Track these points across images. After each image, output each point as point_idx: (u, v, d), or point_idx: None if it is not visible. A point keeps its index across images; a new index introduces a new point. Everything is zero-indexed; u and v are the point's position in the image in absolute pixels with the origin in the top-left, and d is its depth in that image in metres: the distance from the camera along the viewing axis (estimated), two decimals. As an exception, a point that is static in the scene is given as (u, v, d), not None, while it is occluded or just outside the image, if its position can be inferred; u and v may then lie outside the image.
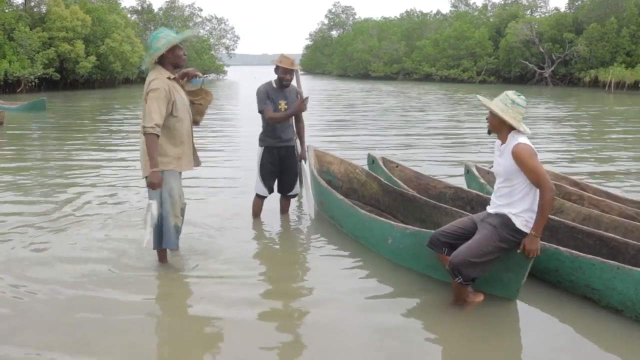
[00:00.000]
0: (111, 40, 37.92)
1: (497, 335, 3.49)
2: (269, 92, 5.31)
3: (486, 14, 63.08)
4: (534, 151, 3.45)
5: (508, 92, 3.58)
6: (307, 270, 4.58)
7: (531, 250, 3.47)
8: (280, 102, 5.32)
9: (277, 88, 5.34)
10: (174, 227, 4.25)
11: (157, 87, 3.99)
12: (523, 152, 3.41)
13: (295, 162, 5.61)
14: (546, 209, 3.40)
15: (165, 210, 4.18)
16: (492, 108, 3.53)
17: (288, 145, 5.50)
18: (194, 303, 3.92)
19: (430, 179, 6.20)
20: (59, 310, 3.67)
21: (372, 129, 14.64)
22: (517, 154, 3.42)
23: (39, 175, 8.27)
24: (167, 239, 4.26)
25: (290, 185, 5.66)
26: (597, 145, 12.15)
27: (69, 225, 5.50)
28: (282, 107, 5.32)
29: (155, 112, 3.92)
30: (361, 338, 3.37)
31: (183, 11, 61.73)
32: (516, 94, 3.56)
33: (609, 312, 3.66)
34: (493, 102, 3.58)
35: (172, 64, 4.17)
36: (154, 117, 3.91)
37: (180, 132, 4.17)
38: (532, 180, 3.43)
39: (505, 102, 3.52)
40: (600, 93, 35.43)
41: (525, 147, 3.43)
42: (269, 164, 5.48)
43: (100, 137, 13.23)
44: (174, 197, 4.18)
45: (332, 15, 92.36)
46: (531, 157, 3.41)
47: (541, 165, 3.46)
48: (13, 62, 30.56)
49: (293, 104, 5.33)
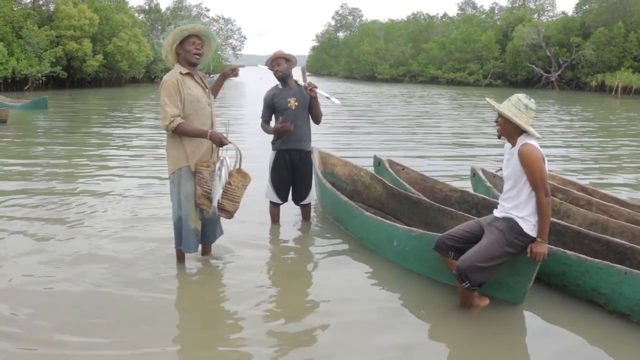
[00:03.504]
0: (118, 40, 38.09)
1: (502, 340, 3.47)
2: (274, 95, 5.11)
3: (493, 17, 63.03)
4: (540, 154, 3.43)
5: (519, 95, 3.52)
6: (311, 275, 4.55)
7: (538, 254, 3.45)
8: (290, 99, 5.07)
9: (283, 87, 5.14)
10: (193, 231, 4.16)
11: (164, 81, 3.96)
12: (529, 152, 3.39)
13: (310, 171, 5.31)
14: (544, 213, 3.40)
15: (184, 214, 4.10)
16: (505, 113, 3.46)
17: (301, 148, 5.18)
18: (202, 304, 3.91)
19: (436, 182, 6.19)
20: (69, 306, 3.68)
21: (378, 131, 14.62)
22: (523, 153, 3.40)
23: (46, 171, 8.30)
24: (186, 242, 4.18)
25: (301, 194, 5.38)
26: (605, 151, 12.09)
27: (80, 222, 5.51)
28: (292, 104, 5.06)
29: (168, 105, 3.87)
30: (365, 341, 3.36)
31: (190, 11, 61.90)
32: (527, 97, 3.51)
33: (616, 316, 3.64)
34: (504, 106, 3.52)
35: (184, 60, 4.05)
36: (168, 110, 3.85)
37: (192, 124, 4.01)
38: (531, 182, 3.41)
39: (519, 107, 3.47)
40: (607, 98, 35.29)
41: (533, 148, 3.41)
42: (279, 169, 5.21)
43: (105, 136, 13.25)
44: (190, 201, 4.08)
45: (339, 17, 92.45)
46: (536, 159, 3.39)
47: (545, 169, 3.42)
48: (21, 59, 30.73)
49: (303, 100, 5.10)
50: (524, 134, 3.50)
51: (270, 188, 5.34)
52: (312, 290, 4.19)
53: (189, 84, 4.01)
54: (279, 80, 5.15)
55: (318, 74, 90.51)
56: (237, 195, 3.98)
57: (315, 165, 6.26)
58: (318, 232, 5.50)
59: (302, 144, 5.18)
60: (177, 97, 3.90)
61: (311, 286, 4.28)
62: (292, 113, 5.08)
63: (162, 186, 7.06)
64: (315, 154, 6.50)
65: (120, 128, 14.90)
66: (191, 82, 4.04)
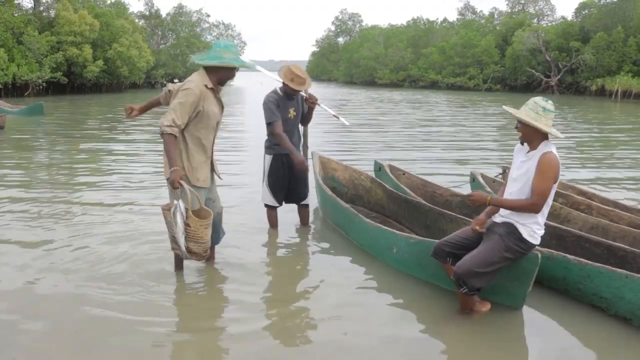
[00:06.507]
0: (119, 45, 38.14)
1: (503, 344, 3.47)
2: (278, 102, 5.10)
3: (493, 22, 63.13)
4: (558, 166, 3.41)
5: (535, 99, 3.49)
6: (310, 281, 4.54)
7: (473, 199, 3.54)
8: (290, 109, 5.17)
9: (284, 96, 5.16)
10: None
11: (189, 87, 3.87)
12: (550, 161, 3.38)
13: (304, 170, 5.34)
14: (515, 206, 3.46)
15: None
16: (524, 119, 3.43)
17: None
18: (202, 310, 3.91)
19: (436, 186, 6.19)
20: (63, 314, 3.67)
21: (380, 137, 14.62)
22: (544, 159, 3.38)
23: (43, 178, 8.30)
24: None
25: (302, 193, 5.47)
26: (606, 155, 12.10)
27: (78, 231, 5.49)
28: (292, 114, 5.18)
29: (177, 112, 3.79)
30: (366, 347, 3.35)
31: (191, 17, 61.92)
32: (544, 100, 3.47)
33: (617, 320, 3.63)
34: (521, 111, 3.48)
35: (218, 79, 4.03)
36: (174, 117, 3.78)
37: (200, 141, 4.00)
38: (534, 186, 3.40)
39: (537, 111, 3.43)
40: (607, 102, 35.33)
41: (555, 159, 3.40)
42: (277, 173, 5.28)
43: (100, 144, 13.26)
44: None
45: (339, 22, 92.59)
46: (553, 170, 3.38)
47: (553, 183, 3.42)
48: (21, 65, 30.76)
49: (301, 109, 5.25)
50: (546, 140, 3.48)
51: (267, 191, 5.36)
52: (312, 295, 4.18)
53: (210, 100, 3.99)
54: (285, 94, 5.14)
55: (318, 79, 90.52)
56: (199, 236, 3.83)
57: (316, 170, 6.27)
58: (318, 237, 5.50)
59: (296, 148, 5.29)
60: (190, 110, 3.85)
61: (310, 292, 4.27)
62: (291, 122, 5.24)
63: (161, 190, 7.06)
64: (315, 159, 6.51)
65: (118, 135, 14.91)
66: (212, 98, 4.02)
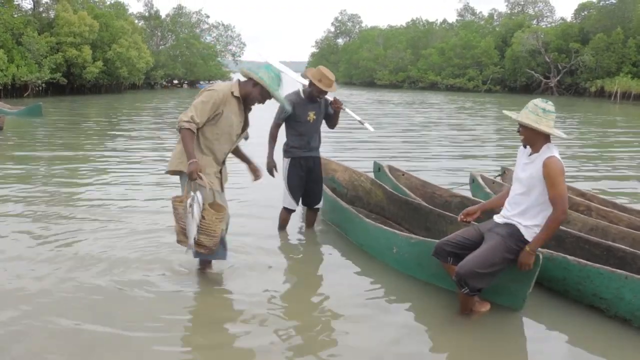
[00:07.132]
0: (118, 46, 38.14)
1: (503, 345, 3.47)
2: (296, 105, 4.99)
3: (492, 24, 63.26)
4: (563, 169, 3.41)
5: (535, 101, 3.48)
6: (312, 281, 4.54)
7: (522, 264, 3.47)
8: (310, 113, 5.07)
9: (305, 99, 5.05)
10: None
11: (214, 89, 3.92)
12: (555, 166, 3.37)
13: (321, 174, 5.38)
14: (551, 228, 3.40)
15: None
16: (525, 122, 3.42)
17: (315, 156, 5.26)
18: (203, 310, 3.91)
19: (436, 187, 6.19)
20: (63, 314, 3.66)
21: (380, 137, 14.63)
22: (549, 165, 3.37)
23: (45, 176, 8.31)
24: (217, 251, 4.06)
25: (317, 196, 5.40)
26: (607, 157, 12.11)
27: (78, 231, 5.49)
28: (311, 117, 5.08)
29: (197, 110, 3.82)
30: (365, 348, 3.35)
31: (190, 18, 61.98)
32: (544, 101, 3.47)
33: (617, 321, 3.63)
34: (522, 114, 3.47)
35: (248, 94, 4.01)
36: (193, 114, 3.80)
37: (212, 144, 3.98)
38: (551, 196, 3.38)
39: (537, 113, 3.42)
40: (606, 103, 35.37)
41: (559, 162, 3.39)
42: (297, 176, 5.20)
43: (99, 143, 13.26)
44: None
45: (339, 23, 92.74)
46: (561, 174, 3.37)
47: (565, 185, 3.42)
48: (21, 66, 30.75)
49: (323, 113, 5.16)
50: (548, 142, 3.47)
51: (288, 195, 5.27)
52: (312, 296, 4.18)
53: (232, 107, 3.97)
54: (309, 96, 5.04)
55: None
56: (212, 229, 3.83)
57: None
58: (320, 238, 5.51)
59: (315, 152, 5.29)
60: (210, 111, 3.86)
61: (311, 292, 4.26)
62: (310, 126, 5.15)
63: (161, 190, 7.08)
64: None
65: (118, 135, 14.92)
66: (235, 107, 4.00)
